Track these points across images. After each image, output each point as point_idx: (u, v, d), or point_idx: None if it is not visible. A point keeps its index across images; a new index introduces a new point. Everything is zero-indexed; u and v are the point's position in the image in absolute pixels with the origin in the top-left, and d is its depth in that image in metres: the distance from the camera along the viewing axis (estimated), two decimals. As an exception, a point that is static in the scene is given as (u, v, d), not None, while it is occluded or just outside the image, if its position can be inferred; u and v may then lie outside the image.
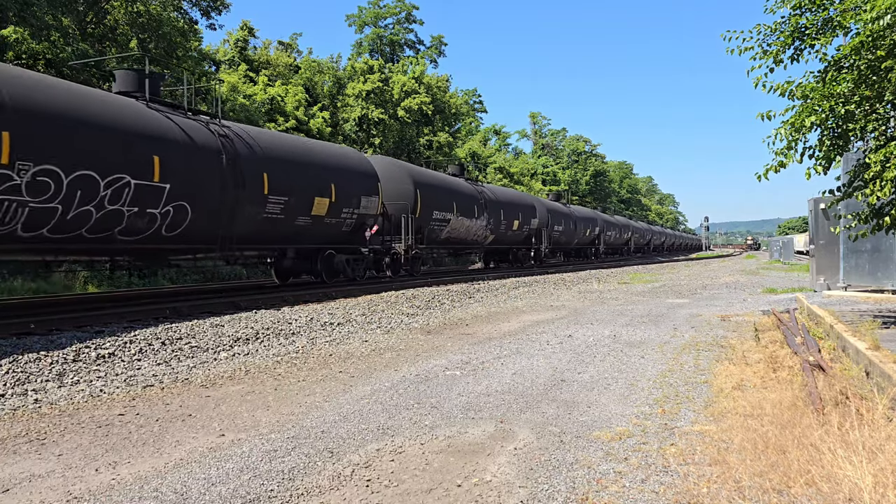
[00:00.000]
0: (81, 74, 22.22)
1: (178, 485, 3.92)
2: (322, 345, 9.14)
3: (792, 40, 8.07)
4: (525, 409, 5.52)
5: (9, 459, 4.42)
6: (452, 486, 3.85)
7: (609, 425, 4.99)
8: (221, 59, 35.00)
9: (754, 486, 3.58)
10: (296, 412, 5.55)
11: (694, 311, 13.22)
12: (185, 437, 4.89)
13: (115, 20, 24.64)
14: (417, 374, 7.06)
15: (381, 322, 11.40)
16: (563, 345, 8.87)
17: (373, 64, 40.95)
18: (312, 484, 3.92)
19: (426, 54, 52.47)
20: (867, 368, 6.12)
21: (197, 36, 28.29)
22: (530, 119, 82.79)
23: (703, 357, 7.85)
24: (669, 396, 5.87)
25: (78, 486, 3.93)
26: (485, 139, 61.95)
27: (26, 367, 7.01)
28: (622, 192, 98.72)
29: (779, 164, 7.69)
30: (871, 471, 3.41)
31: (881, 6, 6.69)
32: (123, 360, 7.71)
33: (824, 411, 4.67)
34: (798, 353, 7.18)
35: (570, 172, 76.25)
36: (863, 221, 8.24)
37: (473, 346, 8.93)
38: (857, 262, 15.06)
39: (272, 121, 30.32)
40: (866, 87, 7.25)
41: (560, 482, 3.85)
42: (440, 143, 43.73)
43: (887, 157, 7.10)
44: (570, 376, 6.82)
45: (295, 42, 44.37)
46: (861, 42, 7.08)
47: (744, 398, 5.48)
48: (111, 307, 11.57)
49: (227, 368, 7.50)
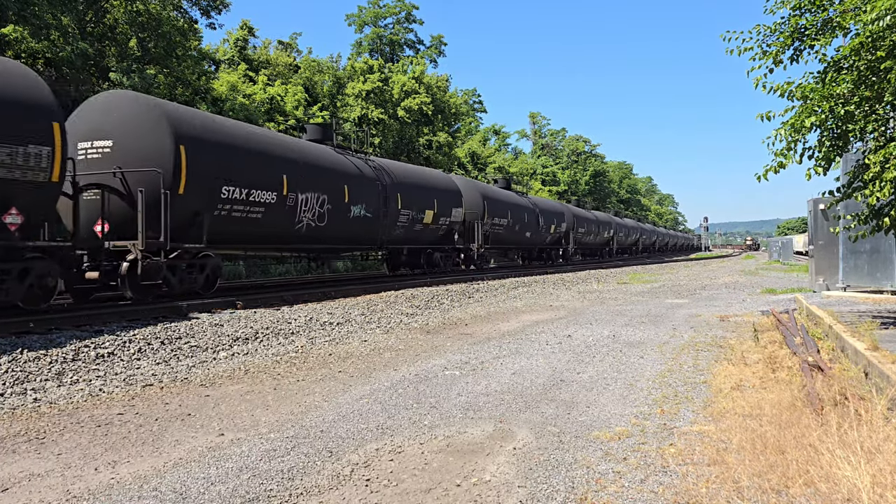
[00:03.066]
0: (81, 73, 22.22)
1: (178, 484, 3.92)
2: (321, 344, 9.14)
3: (791, 41, 8.08)
4: (524, 409, 5.52)
5: (8, 458, 4.42)
6: (451, 486, 3.85)
7: (608, 425, 5.00)
8: (221, 59, 34.98)
9: (753, 487, 3.59)
10: (295, 412, 5.55)
11: (693, 312, 13.22)
12: (185, 437, 4.89)
13: (114, 19, 24.62)
14: (417, 373, 7.06)
15: (380, 322, 11.40)
16: (563, 345, 8.88)
17: (373, 64, 40.92)
18: (312, 483, 3.92)
19: (426, 54, 52.43)
20: (866, 369, 6.12)
21: (196, 35, 28.26)
22: (530, 119, 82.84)
23: (703, 357, 7.85)
24: (668, 396, 5.87)
25: (77, 486, 3.93)
26: (484, 139, 61.96)
27: (26, 367, 7.01)
28: (622, 192, 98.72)
29: (778, 164, 7.70)
30: (869, 471, 3.41)
31: (881, 7, 6.70)
32: (123, 360, 7.71)
33: (823, 412, 4.68)
34: (797, 354, 7.18)
35: (570, 172, 76.26)
36: (862, 222, 8.25)
37: (473, 345, 8.93)
38: (856, 262, 15.07)
39: (271, 120, 30.30)
40: (866, 88, 7.26)
41: (559, 482, 3.85)
42: (440, 142, 43.71)
43: (887, 157, 7.11)
44: (569, 376, 6.83)
45: (295, 42, 44.31)
46: (861, 43, 7.10)
47: (743, 398, 5.48)
48: (111, 306, 11.56)
49: (226, 368, 7.50)
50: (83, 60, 21.97)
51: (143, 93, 16.08)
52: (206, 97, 27.04)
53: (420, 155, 42.02)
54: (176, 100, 23.19)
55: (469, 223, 25.09)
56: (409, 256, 22.71)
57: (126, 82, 21.63)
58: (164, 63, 25.06)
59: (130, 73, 22.40)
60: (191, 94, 26.11)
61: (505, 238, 29.47)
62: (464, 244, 24.61)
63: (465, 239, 24.69)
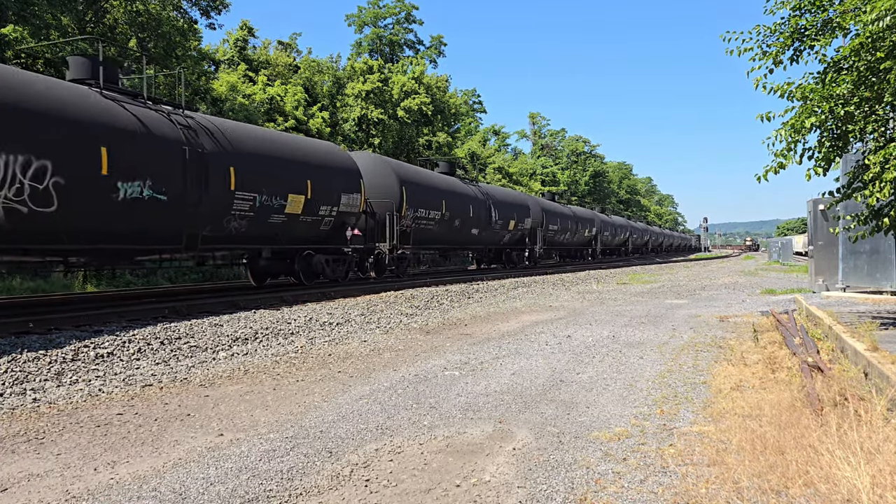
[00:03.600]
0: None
1: (177, 484, 3.92)
2: (321, 345, 9.14)
3: (791, 41, 8.08)
4: (524, 410, 5.52)
5: (7, 459, 4.41)
6: (451, 487, 3.85)
7: (608, 426, 4.99)
8: (221, 59, 34.98)
9: (753, 487, 3.59)
10: (294, 412, 5.55)
11: (693, 312, 13.22)
12: (184, 437, 4.88)
13: (114, 19, 24.62)
14: (416, 374, 7.06)
15: (379, 322, 11.40)
16: (562, 345, 8.88)
17: (372, 64, 40.93)
18: (311, 484, 3.92)
19: (426, 54, 52.43)
20: (866, 369, 6.12)
21: (196, 35, 28.27)
22: (529, 119, 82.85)
23: (702, 358, 7.85)
24: (668, 397, 5.87)
25: (76, 486, 3.92)
26: (484, 139, 61.94)
27: (25, 367, 7.01)
28: (621, 192, 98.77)
29: (778, 165, 7.70)
30: (869, 472, 3.41)
31: (881, 7, 6.70)
32: (122, 360, 7.71)
33: (823, 412, 4.68)
34: (797, 354, 7.18)
35: (570, 173, 76.28)
36: (862, 223, 8.25)
37: (472, 346, 8.93)
38: (855, 263, 15.07)
39: (271, 120, 30.32)
40: (866, 89, 7.25)
41: (558, 482, 3.85)
42: (439, 143, 43.73)
43: (886, 158, 7.10)
44: (568, 377, 6.83)
45: (294, 42, 44.35)
46: (860, 43, 7.09)
47: (742, 399, 5.48)
48: (110, 306, 11.56)
49: (225, 368, 7.50)
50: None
51: (143, 94, 16.02)
52: (205, 97, 27.04)
53: (420, 155, 42.02)
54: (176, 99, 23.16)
55: (378, 215, 19.01)
56: (276, 261, 16.25)
57: (126, 83, 21.61)
58: (164, 63, 25.05)
59: (130, 73, 22.38)
60: (190, 95, 26.10)
61: (438, 236, 23.24)
62: (364, 243, 17.99)
63: (369, 237, 18.42)
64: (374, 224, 18.80)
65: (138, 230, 11.63)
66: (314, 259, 16.41)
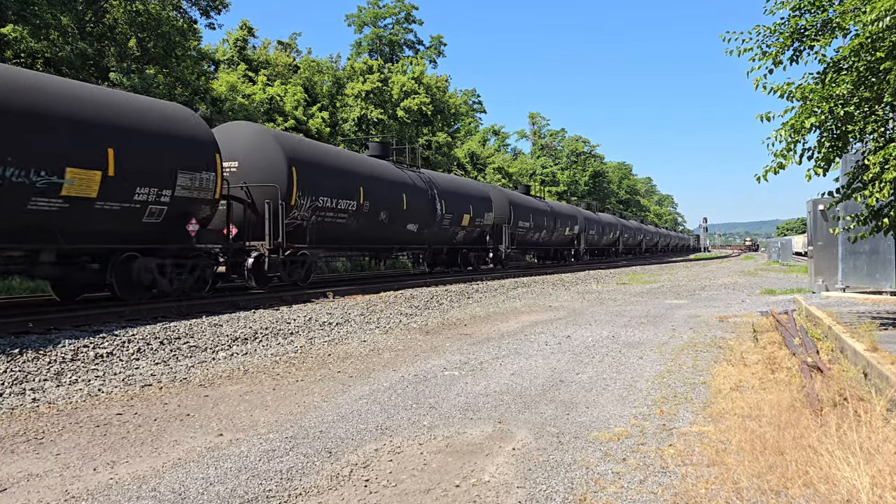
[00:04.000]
0: (81, 73, 22.21)
1: (177, 484, 3.92)
2: (320, 345, 9.13)
3: (791, 41, 8.08)
4: (523, 410, 5.52)
5: (7, 459, 4.41)
6: (451, 487, 3.85)
7: (607, 426, 4.99)
8: (220, 59, 34.98)
9: (752, 487, 3.59)
10: (294, 412, 5.55)
11: (692, 312, 13.22)
12: (184, 437, 4.88)
13: (113, 19, 24.61)
14: (416, 374, 7.06)
15: (379, 322, 11.39)
16: (562, 345, 8.88)
17: (372, 64, 40.95)
18: (311, 484, 3.92)
19: (425, 54, 52.45)
20: (865, 370, 6.12)
21: (196, 35, 28.27)
22: (529, 119, 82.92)
23: (702, 358, 7.85)
24: (668, 397, 5.87)
25: (76, 486, 3.92)
26: (484, 139, 61.98)
27: (24, 367, 7.00)
28: (621, 192, 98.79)
29: (778, 165, 7.70)
30: (868, 472, 3.41)
31: (880, 8, 6.70)
32: (122, 360, 7.71)
33: (822, 412, 4.68)
34: (796, 355, 7.18)
35: (569, 173, 76.29)
36: (861, 223, 8.25)
37: (472, 346, 8.93)
38: (855, 263, 15.08)
39: (271, 121, 30.31)
40: (865, 89, 7.26)
41: (558, 483, 3.85)
42: (439, 143, 43.75)
43: (886, 158, 7.10)
44: (568, 377, 6.83)
45: (294, 42, 44.38)
46: (860, 44, 7.09)
47: (742, 399, 5.48)
48: (109, 306, 11.55)
49: (225, 368, 7.50)
50: (82, 60, 21.97)
51: (143, 93, 16.10)
52: (205, 97, 27.04)
53: (419, 155, 42.05)
54: (175, 99, 23.17)
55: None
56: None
57: (126, 83, 21.63)
58: (164, 63, 25.06)
59: (130, 73, 22.39)
60: (190, 94, 26.10)
61: (355, 233, 20.41)
62: (227, 242, 14.54)
63: (249, 233, 15.08)
64: (256, 217, 14.58)
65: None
66: (136, 264, 11.64)
